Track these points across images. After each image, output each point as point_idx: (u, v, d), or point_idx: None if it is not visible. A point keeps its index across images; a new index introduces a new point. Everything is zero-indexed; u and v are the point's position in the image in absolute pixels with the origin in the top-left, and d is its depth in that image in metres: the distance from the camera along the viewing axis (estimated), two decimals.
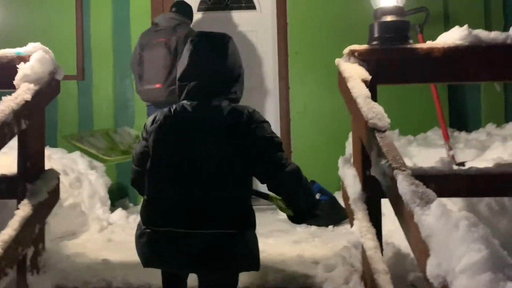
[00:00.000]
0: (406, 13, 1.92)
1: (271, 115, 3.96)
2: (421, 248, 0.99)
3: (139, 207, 3.63)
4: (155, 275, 1.87)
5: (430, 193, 1.08)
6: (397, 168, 1.20)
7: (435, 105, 3.13)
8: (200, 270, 1.44)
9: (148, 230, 1.44)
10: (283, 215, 2.99)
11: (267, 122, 1.48)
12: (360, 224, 1.60)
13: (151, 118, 1.53)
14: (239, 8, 4.09)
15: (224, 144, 1.40)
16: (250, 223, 1.43)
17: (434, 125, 3.29)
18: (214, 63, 1.50)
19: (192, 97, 1.48)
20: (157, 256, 1.44)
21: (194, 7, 4.05)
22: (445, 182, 1.76)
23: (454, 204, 2.01)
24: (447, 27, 3.47)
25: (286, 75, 3.79)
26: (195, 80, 1.47)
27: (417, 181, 1.14)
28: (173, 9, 3.31)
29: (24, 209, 1.68)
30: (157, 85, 2.96)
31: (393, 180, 1.19)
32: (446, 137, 2.85)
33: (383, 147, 1.33)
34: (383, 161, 1.28)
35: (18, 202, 1.73)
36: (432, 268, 0.89)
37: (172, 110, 1.48)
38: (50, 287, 1.81)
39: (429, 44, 1.85)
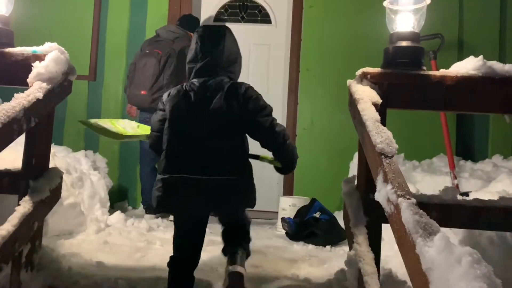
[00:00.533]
0: (421, 38, 1.92)
1: None
2: (420, 280, 0.98)
3: (137, 211, 3.67)
4: (145, 280, 1.86)
5: (434, 224, 1.07)
6: (402, 195, 1.19)
7: (442, 132, 3.12)
8: (210, 209, 1.80)
9: (164, 176, 1.73)
10: (281, 231, 2.99)
11: (261, 95, 1.83)
12: (359, 248, 1.58)
13: (166, 93, 1.85)
14: (255, 21, 4.13)
15: (225, 108, 1.72)
16: (250, 172, 1.82)
17: (440, 151, 3.28)
18: (216, 47, 1.80)
19: (198, 75, 1.80)
20: (171, 197, 1.73)
21: (211, 18, 4.10)
22: (448, 212, 1.74)
23: (455, 235, 1.99)
24: (460, 55, 3.49)
25: (296, 90, 3.80)
26: (201, 62, 1.80)
27: (421, 211, 1.12)
28: (177, 22, 3.50)
29: (24, 205, 1.68)
30: (143, 92, 3.24)
31: (397, 208, 1.18)
32: (452, 165, 2.84)
33: (389, 173, 1.32)
34: (388, 187, 1.27)
35: (20, 198, 1.73)
36: None
37: (183, 86, 1.80)
38: (42, 285, 1.79)
39: (442, 72, 1.85)
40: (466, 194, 2.36)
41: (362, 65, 2.34)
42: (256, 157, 1.91)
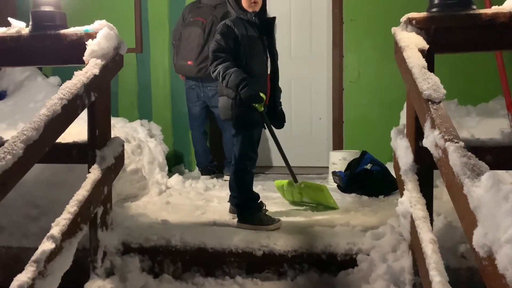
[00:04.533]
0: None
1: (323, 84, 3.94)
2: (469, 218, 1.00)
3: (193, 173, 3.87)
4: (209, 234, 2.01)
5: (482, 165, 1.07)
6: (449, 139, 1.19)
7: (498, 73, 2.96)
8: None
9: None
10: (333, 184, 3.04)
11: (220, 32, 2.14)
12: (410, 195, 1.60)
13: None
14: None
15: None
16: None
17: (497, 94, 3.12)
18: None
19: None
20: None
21: None
22: (504, 154, 1.70)
23: (511, 177, 1.95)
24: None
25: (341, 43, 3.72)
26: None
27: (469, 153, 1.13)
28: None
29: (94, 172, 1.85)
30: (189, 62, 3.31)
31: (445, 152, 1.19)
32: (510, 107, 2.71)
33: (436, 119, 1.31)
34: (436, 132, 1.27)
35: (89, 167, 1.90)
36: (478, 238, 0.91)
37: None
38: (117, 242, 2.00)
39: (494, 9, 1.75)
40: None
41: (408, 10, 2.26)
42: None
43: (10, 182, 1.39)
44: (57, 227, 1.57)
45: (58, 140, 1.68)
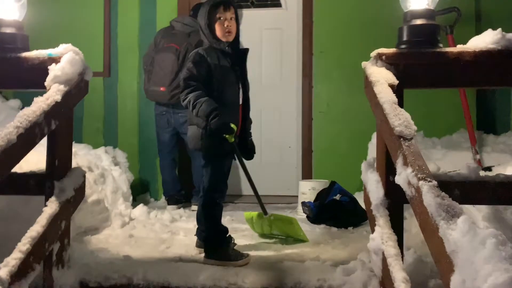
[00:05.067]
0: (437, 13, 1.87)
1: (293, 113, 3.96)
2: (445, 262, 0.98)
3: (159, 203, 3.75)
4: (174, 272, 1.91)
5: (457, 206, 1.06)
6: (422, 178, 1.18)
7: (462, 106, 3.06)
8: None
9: None
10: (302, 215, 3.01)
11: (192, 61, 2.11)
12: (382, 231, 1.58)
13: None
14: (265, 5, 4.09)
15: None
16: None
17: (460, 127, 3.22)
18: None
19: None
20: None
21: None
22: (471, 189, 1.72)
23: (479, 212, 1.97)
24: (478, 28, 3.39)
25: (310, 73, 3.77)
26: None
27: (443, 193, 1.11)
28: (191, 13, 3.45)
29: (51, 206, 1.73)
30: (162, 88, 3.26)
31: (418, 191, 1.17)
32: (473, 141, 2.79)
33: (408, 156, 1.31)
34: (408, 170, 1.26)
35: (46, 199, 1.78)
36: (456, 285, 0.88)
37: None
38: (74, 281, 1.86)
39: (459, 48, 1.80)
40: (489, 168, 2.33)
41: (376, 45, 2.29)
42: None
43: None
44: (6, 268, 1.43)
45: (13, 169, 1.57)
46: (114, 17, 3.86)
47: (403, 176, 1.30)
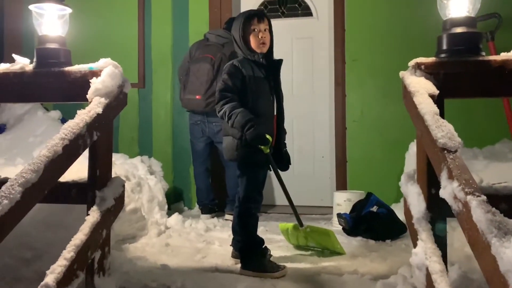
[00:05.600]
0: (477, 20, 1.82)
1: (325, 122, 3.93)
2: (498, 282, 0.93)
3: (193, 211, 3.79)
4: (211, 282, 1.91)
5: (509, 222, 1.01)
6: (470, 193, 1.14)
7: (505, 115, 2.95)
8: None
9: None
10: (338, 227, 2.96)
11: (227, 72, 2.14)
12: (425, 246, 1.53)
13: None
14: (296, 15, 4.09)
15: None
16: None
17: (502, 136, 3.09)
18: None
19: None
20: None
21: None
22: None
23: None
24: None
25: (343, 82, 3.73)
26: None
27: (493, 209, 1.07)
28: (224, 26, 3.49)
29: (93, 215, 1.77)
30: (198, 96, 3.30)
31: (467, 206, 1.13)
32: None
33: (454, 169, 1.27)
34: (454, 184, 1.22)
35: (88, 208, 1.83)
36: None
37: None
38: None
39: (503, 56, 1.74)
40: None
41: (411, 52, 2.26)
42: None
43: (6, 227, 1.32)
44: (52, 275, 1.48)
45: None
46: (148, 31, 3.97)
47: (449, 190, 1.26)
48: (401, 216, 2.71)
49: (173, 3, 3.95)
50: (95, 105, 1.81)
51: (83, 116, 1.73)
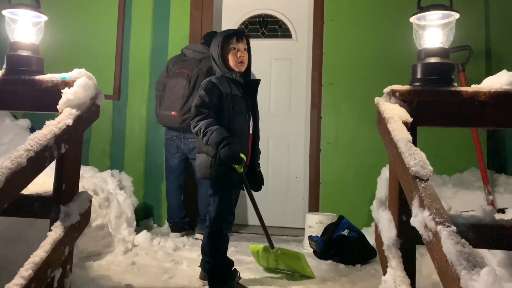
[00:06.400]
0: (449, 51, 1.87)
1: (301, 143, 3.94)
2: None
3: (162, 229, 3.69)
4: None
5: (478, 255, 1.02)
6: (441, 223, 1.15)
7: (473, 144, 3.03)
8: None
9: None
10: (309, 249, 2.94)
11: (205, 89, 2.12)
12: (394, 273, 1.53)
13: None
14: (276, 36, 4.14)
15: None
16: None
17: (471, 165, 3.18)
18: None
19: None
20: None
21: None
22: (486, 233, 1.67)
23: (493, 256, 1.91)
24: (488, 66, 3.40)
25: (319, 104, 3.76)
26: None
27: (463, 240, 1.07)
28: (202, 41, 3.50)
29: (56, 231, 1.69)
30: (173, 113, 3.26)
31: (437, 236, 1.13)
32: (486, 181, 2.74)
33: (425, 198, 1.27)
34: (425, 213, 1.23)
35: (51, 223, 1.75)
36: None
37: None
38: None
39: (474, 87, 1.79)
40: (502, 210, 2.28)
41: (387, 78, 2.31)
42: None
43: None
44: None
45: None
46: (127, 42, 3.92)
47: (419, 218, 1.27)
48: (371, 240, 2.72)
49: (154, 16, 3.92)
50: (65, 117, 1.75)
51: (51, 127, 1.67)
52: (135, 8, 3.92)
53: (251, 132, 2.22)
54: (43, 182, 2.03)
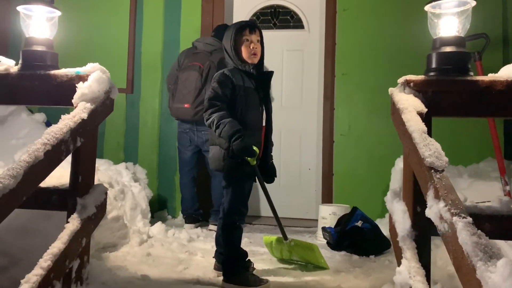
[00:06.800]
0: (466, 40, 1.84)
1: (313, 135, 3.93)
2: None
3: (176, 220, 3.73)
4: None
5: (494, 246, 1.01)
6: (456, 214, 1.13)
7: (490, 134, 2.98)
8: None
9: None
10: (322, 240, 2.94)
11: (218, 81, 2.11)
12: (409, 265, 1.52)
13: None
14: (287, 27, 4.11)
15: None
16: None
17: (487, 155, 3.13)
18: None
19: None
20: None
21: None
22: (503, 224, 1.65)
23: (510, 248, 1.89)
24: (505, 54, 3.33)
25: (332, 96, 3.74)
26: None
27: (479, 231, 1.06)
28: (212, 34, 3.49)
29: (73, 223, 1.73)
30: (186, 105, 3.28)
31: (452, 227, 1.12)
32: (503, 171, 2.69)
33: (440, 189, 1.26)
34: (441, 204, 1.22)
35: (68, 215, 1.78)
36: None
37: None
38: None
39: (491, 76, 1.76)
40: None
41: (400, 69, 2.28)
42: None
43: None
44: (27, 285, 1.43)
45: None
46: (139, 36, 3.94)
47: (435, 210, 1.25)
48: (385, 231, 2.71)
49: (165, 9, 3.93)
50: (80, 111, 1.77)
51: (67, 121, 1.70)
52: (146, 2, 3.93)
53: (264, 124, 2.22)
54: (59, 175, 2.06)
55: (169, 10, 3.93)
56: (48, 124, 3.36)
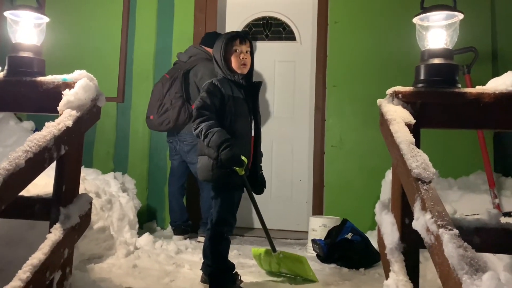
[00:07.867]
0: (454, 53, 1.84)
1: (304, 146, 3.92)
2: None
3: (165, 231, 3.68)
4: None
5: (480, 259, 0.99)
6: (443, 226, 1.12)
7: (479, 147, 2.99)
8: None
9: None
10: (312, 252, 2.91)
11: (206, 90, 2.10)
12: (397, 278, 1.50)
13: None
14: (280, 39, 4.12)
15: None
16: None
17: (477, 168, 3.13)
18: None
19: None
20: None
21: None
22: (491, 237, 1.64)
23: (500, 260, 1.87)
24: (495, 68, 3.36)
25: (323, 107, 3.74)
26: None
27: (465, 244, 1.05)
28: (200, 41, 3.49)
29: (55, 233, 1.69)
30: (151, 117, 3.37)
31: (438, 239, 1.10)
32: (492, 184, 2.69)
33: (427, 201, 1.25)
34: (427, 216, 1.20)
35: (51, 225, 1.74)
36: None
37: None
38: None
39: (479, 89, 1.76)
40: (508, 214, 2.24)
41: (390, 80, 2.28)
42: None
43: None
44: None
45: (20, 193, 1.54)
46: (131, 44, 3.92)
47: (421, 221, 1.24)
48: (376, 244, 2.68)
49: (158, 18, 3.93)
50: (65, 118, 1.75)
51: (51, 128, 1.67)
52: (139, 10, 3.93)
53: (253, 134, 2.20)
54: (44, 184, 2.03)
55: (162, 19, 3.93)
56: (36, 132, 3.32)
